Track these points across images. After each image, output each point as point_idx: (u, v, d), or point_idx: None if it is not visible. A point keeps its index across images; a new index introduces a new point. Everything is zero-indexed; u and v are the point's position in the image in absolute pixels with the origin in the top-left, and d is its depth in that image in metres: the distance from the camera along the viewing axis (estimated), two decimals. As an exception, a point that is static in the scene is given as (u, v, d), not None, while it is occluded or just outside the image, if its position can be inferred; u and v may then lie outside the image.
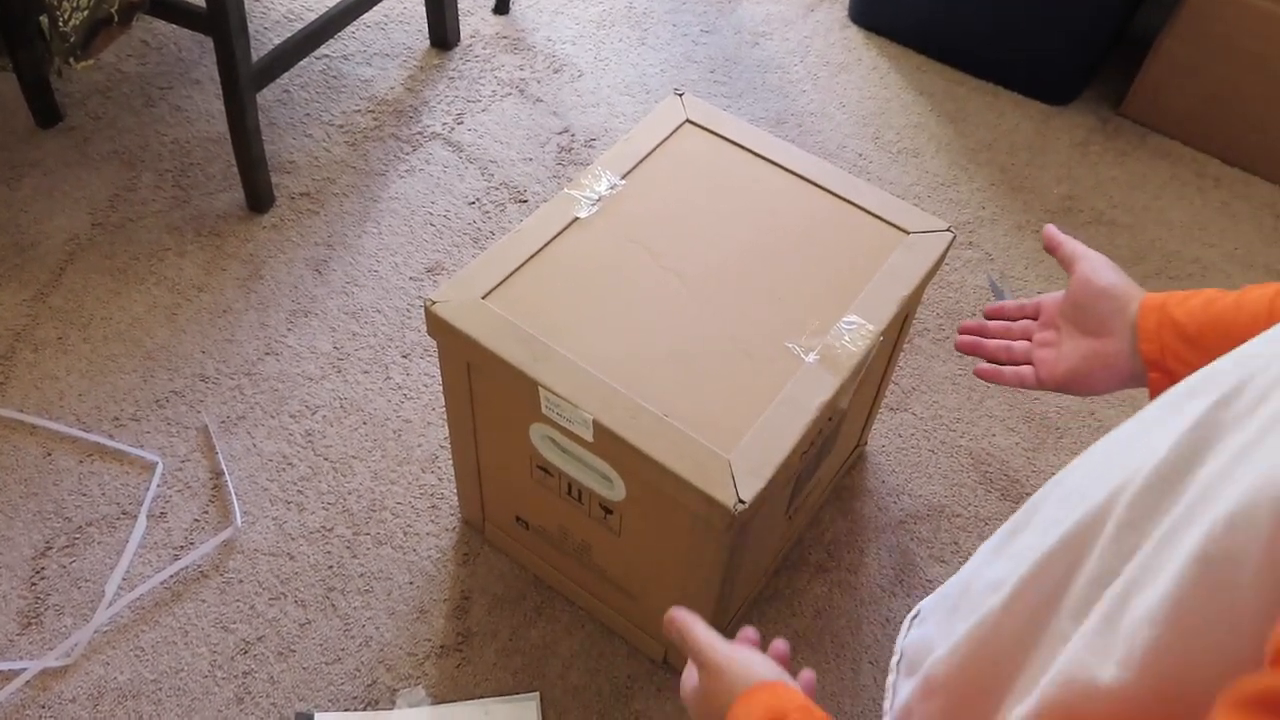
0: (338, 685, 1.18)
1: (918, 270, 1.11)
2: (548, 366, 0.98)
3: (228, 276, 1.56)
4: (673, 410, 0.96)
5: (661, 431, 0.95)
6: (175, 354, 1.47)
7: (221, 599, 1.24)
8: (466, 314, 1.02)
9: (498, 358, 0.99)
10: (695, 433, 0.95)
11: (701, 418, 0.96)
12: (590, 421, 0.95)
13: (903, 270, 1.10)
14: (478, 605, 1.25)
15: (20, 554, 1.26)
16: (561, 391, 0.96)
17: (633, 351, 1.01)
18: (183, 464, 1.35)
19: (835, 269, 1.10)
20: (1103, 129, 1.93)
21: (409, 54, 1.95)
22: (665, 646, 1.18)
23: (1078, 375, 0.84)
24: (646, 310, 1.05)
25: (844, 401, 1.04)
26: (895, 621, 1.27)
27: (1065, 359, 0.85)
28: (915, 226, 1.15)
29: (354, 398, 1.44)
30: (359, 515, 1.32)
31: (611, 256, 1.09)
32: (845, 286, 1.09)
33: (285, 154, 1.74)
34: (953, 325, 1.59)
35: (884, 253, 1.12)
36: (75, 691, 1.16)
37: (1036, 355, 0.89)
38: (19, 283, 1.53)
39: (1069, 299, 0.87)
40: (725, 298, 1.07)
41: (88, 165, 1.70)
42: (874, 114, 1.92)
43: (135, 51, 1.90)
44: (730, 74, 1.98)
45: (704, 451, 0.93)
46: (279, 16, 1.99)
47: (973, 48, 1.99)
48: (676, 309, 1.05)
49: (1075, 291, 0.86)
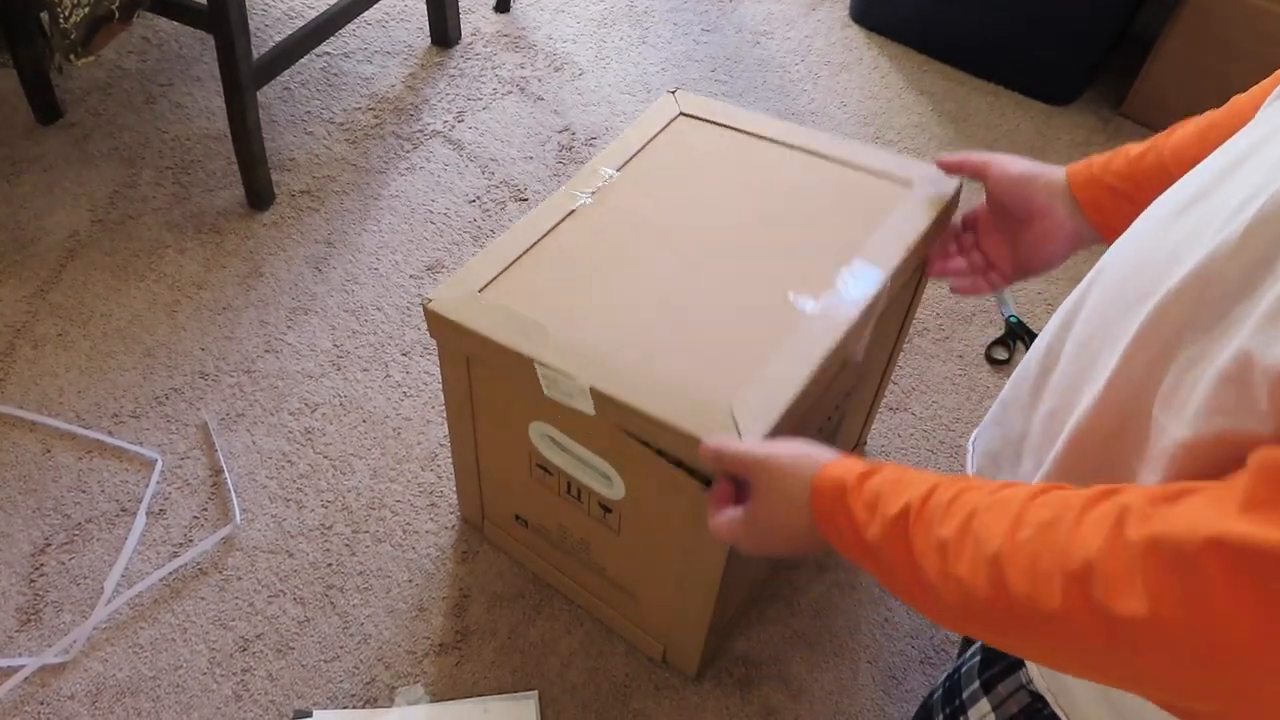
0: (336, 683, 1.18)
1: (924, 216, 1.07)
2: (544, 346, 0.96)
3: (228, 274, 1.56)
4: (672, 370, 0.94)
5: (661, 390, 0.92)
6: (175, 351, 1.47)
7: (220, 596, 1.24)
8: (464, 307, 1.01)
9: (494, 343, 0.98)
10: (695, 388, 0.93)
11: (702, 373, 0.94)
12: (588, 390, 0.94)
13: (908, 218, 1.07)
14: (477, 603, 1.25)
15: (19, 550, 1.26)
16: (557, 365, 0.95)
17: (631, 322, 0.99)
18: (182, 461, 1.35)
19: (836, 226, 1.08)
20: (1104, 129, 1.93)
21: (410, 52, 1.95)
22: (665, 645, 1.18)
23: (1033, 255, 0.94)
24: (645, 285, 1.03)
25: (856, 350, 1.02)
26: (895, 621, 1.27)
27: (1018, 248, 0.96)
28: (919, 176, 1.12)
29: (354, 395, 1.44)
30: (358, 513, 1.32)
31: (608, 239, 1.07)
32: (849, 240, 1.06)
33: (285, 151, 1.74)
34: (953, 325, 1.59)
35: (887, 206, 1.09)
36: (74, 688, 1.16)
37: (992, 256, 1.00)
38: (19, 279, 1.53)
39: (994, 198, 0.97)
40: (725, 266, 1.05)
41: (88, 162, 1.70)
42: (875, 114, 1.92)
43: (136, 48, 1.89)
44: (731, 73, 1.98)
45: (704, 404, 0.91)
46: (280, 14, 1.99)
47: (974, 48, 1.98)
48: (675, 281, 1.04)
49: (997, 189, 0.95)
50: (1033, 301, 1.62)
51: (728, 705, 1.19)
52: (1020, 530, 0.55)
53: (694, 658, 1.16)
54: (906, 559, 0.61)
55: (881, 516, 0.64)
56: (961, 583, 0.57)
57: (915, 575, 0.61)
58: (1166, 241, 0.59)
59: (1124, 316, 0.60)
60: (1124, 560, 0.49)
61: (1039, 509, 0.55)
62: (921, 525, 0.61)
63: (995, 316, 1.61)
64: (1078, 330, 0.67)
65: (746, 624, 1.25)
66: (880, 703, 1.20)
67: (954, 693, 0.76)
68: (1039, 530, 0.54)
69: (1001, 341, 1.56)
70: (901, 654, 1.24)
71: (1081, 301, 0.68)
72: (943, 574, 0.58)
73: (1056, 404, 0.68)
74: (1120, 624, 0.48)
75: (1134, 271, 0.61)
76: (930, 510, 0.61)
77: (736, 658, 1.22)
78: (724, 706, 1.18)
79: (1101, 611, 0.49)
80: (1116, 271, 0.64)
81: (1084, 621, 0.50)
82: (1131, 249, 0.64)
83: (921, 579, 0.60)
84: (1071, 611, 0.50)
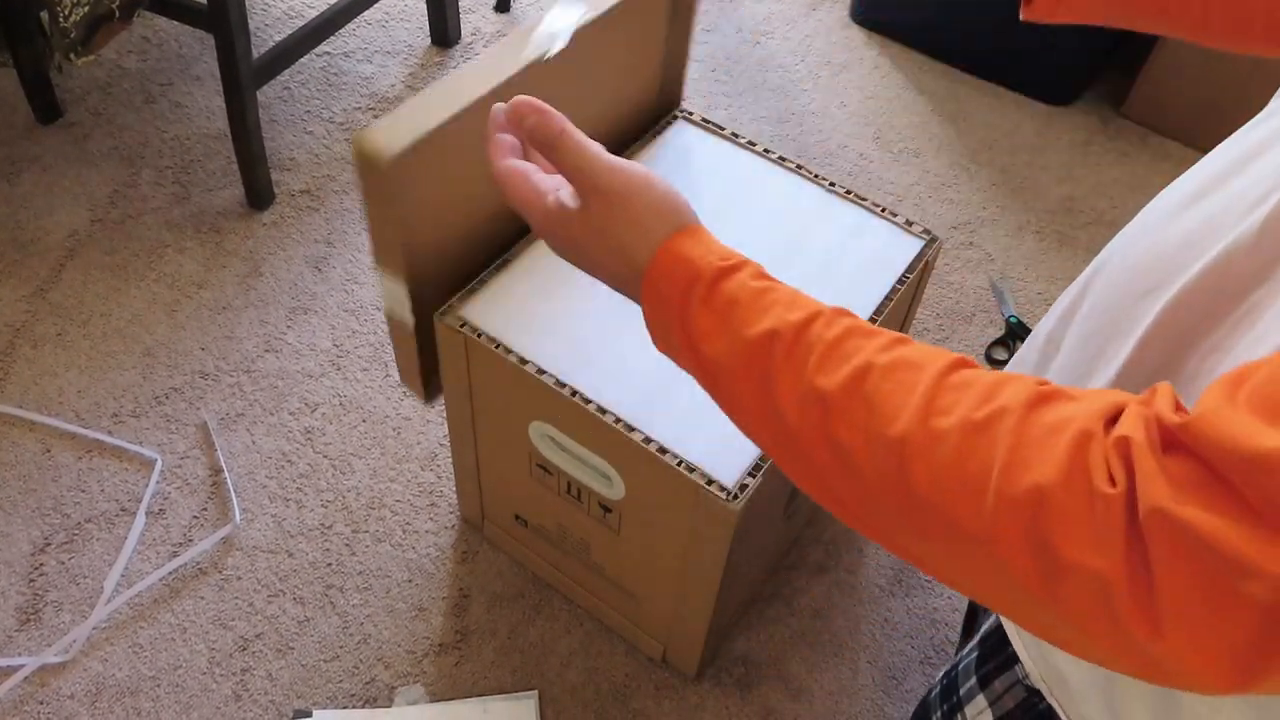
0: (336, 683, 1.18)
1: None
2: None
3: (227, 273, 1.56)
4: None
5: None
6: (175, 351, 1.47)
7: (220, 596, 1.24)
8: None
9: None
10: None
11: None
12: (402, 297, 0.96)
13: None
14: (476, 603, 1.25)
15: (19, 550, 1.26)
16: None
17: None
18: (182, 461, 1.35)
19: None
20: (1104, 130, 1.93)
21: (410, 51, 1.95)
22: (664, 645, 1.18)
23: None
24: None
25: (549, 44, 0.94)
26: (894, 621, 1.27)
27: None
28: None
29: (353, 395, 1.44)
30: (358, 513, 1.32)
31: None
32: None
33: (285, 151, 1.74)
34: (953, 325, 1.59)
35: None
36: (73, 688, 1.16)
37: None
38: (19, 279, 1.53)
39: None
40: None
41: (88, 161, 1.70)
42: (875, 113, 1.92)
43: (136, 48, 1.89)
44: (731, 73, 1.98)
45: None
46: (280, 13, 1.99)
47: (974, 48, 1.98)
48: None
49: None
50: (1033, 302, 1.62)
51: (727, 705, 1.19)
52: (936, 417, 0.47)
53: (694, 658, 1.16)
54: (761, 394, 0.52)
55: (734, 333, 0.53)
56: (840, 448, 0.49)
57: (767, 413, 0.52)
58: (1177, 232, 0.59)
59: (1135, 307, 0.59)
60: (1095, 508, 0.42)
61: (958, 394, 0.47)
62: (793, 362, 0.51)
63: (995, 316, 1.61)
64: (1082, 320, 0.66)
65: (746, 624, 1.25)
66: (880, 703, 1.20)
67: (951, 690, 0.76)
68: (965, 427, 0.46)
69: (1001, 341, 1.56)
70: (901, 654, 1.24)
71: (1085, 291, 0.67)
72: (818, 430, 0.50)
73: None
74: (1067, 571, 0.42)
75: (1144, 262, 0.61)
76: (805, 345, 0.51)
77: (736, 658, 1.22)
78: (723, 706, 1.18)
79: (1045, 550, 0.43)
80: (1124, 262, 0.64)
81: (1012, 552, 0.44)
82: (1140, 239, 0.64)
83: (778, 423, 0.52)
84: (999, 537, 0.44)
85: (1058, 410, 0.46)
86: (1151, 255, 0.61)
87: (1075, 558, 0.42)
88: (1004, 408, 0.46)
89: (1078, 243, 1.71)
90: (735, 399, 0.55)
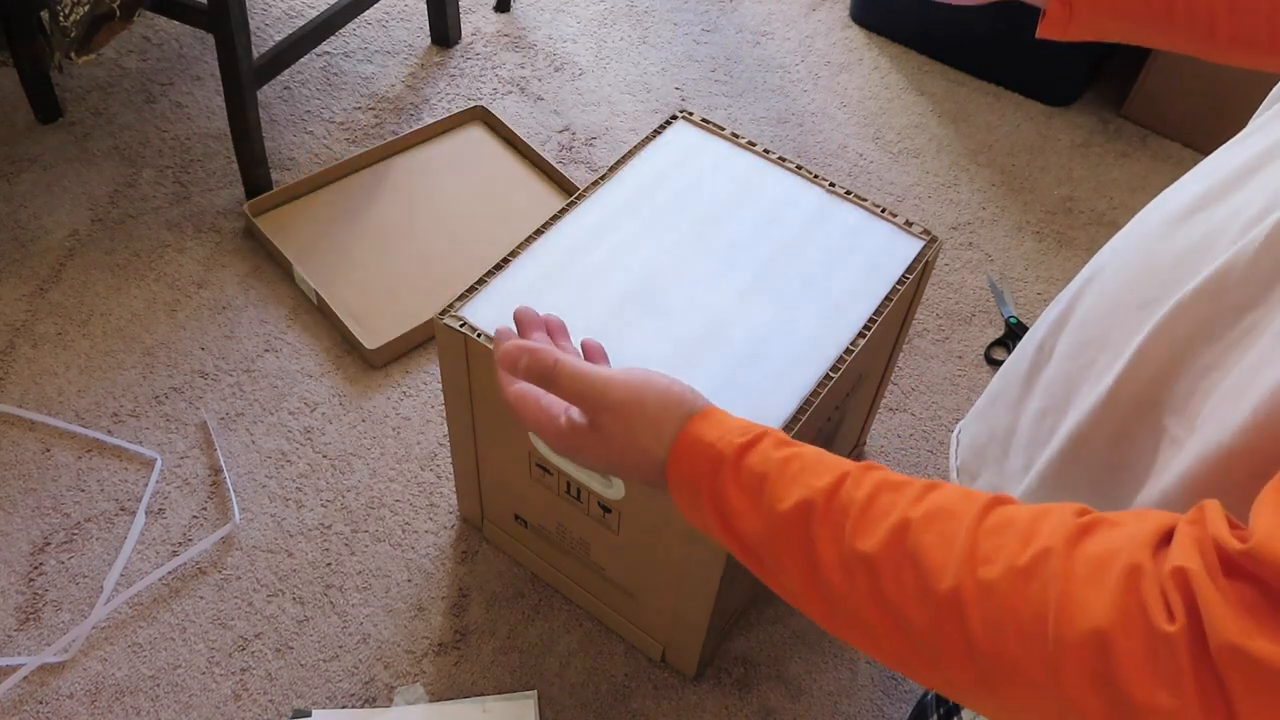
0: (335, 682, 1.18)
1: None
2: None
3: (228, 273, 1.56)
4: None
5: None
6: (175, 350, 1.47)
7: (219, 596, 1.24)
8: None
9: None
10: None
11: None
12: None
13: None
14: (476, 603, 1.25)
15: (18, 549, 1.26)
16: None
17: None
18: (181, 460, 1.35)
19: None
20: (1104, 130, 1.93)
21: (410, 51, 1.95)
22: (664, 645, 1.18)
23: None
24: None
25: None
26: (893, 621, 1.27)
27: None
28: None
29: (353, 395, 1.44)
30: (357, 512, 1.32)
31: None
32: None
33: (286, 151, 1.74)
34: (953, 326, 1.59)
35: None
36: (73, 687, 1.16)
37: None
38: (18, 278, 1.53)
39: None
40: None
41: (88, 161, 1.70)
42: (875, 114, 1.92)
43: (136, 47, 1.89)
44: (731, 73, 1.98)
45: None
46: (280, 13, 1.99)
47: (974, 48, 1.98)
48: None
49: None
50: (1032, 302, 1.62)
51: (726, 705, 1.19)
52: (982, 567, 0.47)
53: (693, 658, 1.16)
54: (804, 565, 0.53)
55: (768, 509, 0.54)
56: (891, 607, 0.49)
57: (812, 581, 0.53)
58: (1171, 247, 0.59)
59: (1127, 321, 0.59)
60: (1158, 649, 0.42)
61: (999, 538, 0.48)
62: (829, 529, 0.52)
63: (995, 317, 1.61)
64: (1072, 330, 0.66)
65: (746, 624, 1.25)
66: (879, 703, 1.20)
67: None
68: (1012, 575, 0.46)
69: (1001, 342, 1.56)
70: (901, 654, 1.24)
71: (1076, 300, 0.67)
72: (867, 593, 0.50)
73: (1047, 403, 0.68)
74: (1139, 711, 0.42)
75: (1136, 276, 0.61)
76: (840, 509, 0.52)
77: (735, 658, 1.22)
78: (723, 707, 1.18)
79: (1113, 691, 0.42)
80: (1116, 274, 0.64)
81: (1081, 694, 0.44)
82: (1132, 252, 0.64)
83: (825, 589, 0.52)
84: (1065, 681, 0.44)
85: (1101, 542, 0.46)
86: (1145, 268, 0.60)
87: (1145, 699, 0.42)
88: (1047, 549, 0.46)
89: (1077, 243, 1.71)
90: (778, 572, 0.55)
